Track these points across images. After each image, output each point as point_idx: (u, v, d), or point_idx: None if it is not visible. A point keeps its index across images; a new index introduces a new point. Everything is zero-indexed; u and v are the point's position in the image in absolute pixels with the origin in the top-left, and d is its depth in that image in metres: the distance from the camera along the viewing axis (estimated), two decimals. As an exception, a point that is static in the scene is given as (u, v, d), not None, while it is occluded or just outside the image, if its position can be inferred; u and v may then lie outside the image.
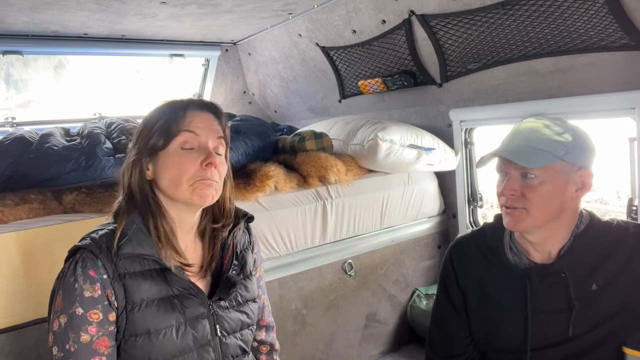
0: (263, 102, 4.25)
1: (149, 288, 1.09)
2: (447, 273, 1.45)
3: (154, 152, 1.13)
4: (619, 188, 3.20)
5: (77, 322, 1.03)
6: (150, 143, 1.13)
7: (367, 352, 2.64)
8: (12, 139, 2.03)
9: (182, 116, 1.13)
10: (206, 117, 1.16)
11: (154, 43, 3.35)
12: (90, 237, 1.10)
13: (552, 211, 1.23)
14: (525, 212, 1.22)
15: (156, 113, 1.17)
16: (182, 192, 1.11)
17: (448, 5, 2.28)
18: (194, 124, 1.13)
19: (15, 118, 3.19)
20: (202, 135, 1.13)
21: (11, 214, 1.74)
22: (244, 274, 1.28)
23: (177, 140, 1.11)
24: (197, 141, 1.12)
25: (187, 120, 1.13)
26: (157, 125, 1.13)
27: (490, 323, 1.36)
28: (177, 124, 1.12)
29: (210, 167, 1.11)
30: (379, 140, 2.42)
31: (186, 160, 1.11)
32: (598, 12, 1.86)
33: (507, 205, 1.25)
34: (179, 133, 1.11)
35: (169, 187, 1.12)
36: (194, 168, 1.11)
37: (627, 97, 1.97)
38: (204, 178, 1.11)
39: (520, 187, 1.22)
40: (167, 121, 1.12)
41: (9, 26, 2.67)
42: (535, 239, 1.27)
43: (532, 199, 1.21)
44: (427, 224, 2.87)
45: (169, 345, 1.09)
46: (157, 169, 1.13)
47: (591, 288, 1.24)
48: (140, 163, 1.14)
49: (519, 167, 1.22)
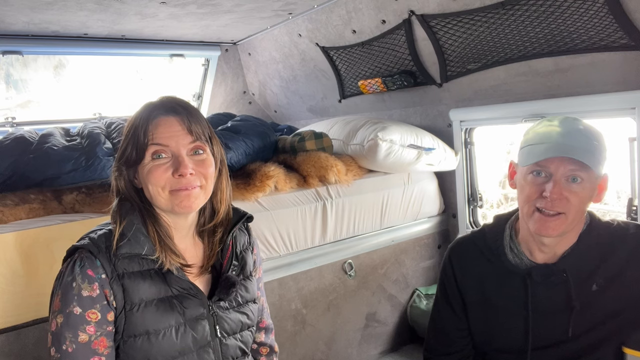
0: (263, 102, 4.25)
1: (147, 288, 1.08)
2: (446, 274, 1.45)
3: (131, 165, 1.11)
4: (619, 188, 3.20)
5: (74, 321, 1.02)
6: (124, 156, 1.11)
7: (367, 352, 2.64)
8: (12, 139, 2.03)
9: (148, 127, 1.09)
10: (171, 123, 1.10)
11: (153, 43, 3.35)
12: (89, 237, 1.10)
13: (582, 217, 1.22)
14: (564, 217, 1.18)
15: (131, 121, 1.13)
16: (163, 202, 1.10)
17: (448, 5, 2.28)
18: (159, 134, 1.08)
19: (15, 118, 3.19)
20: (170, 144, 1.09)
21: (11, 214, 1.74)
22: (244, 274, 1.27)
23: (148, 152, 1.09)
24: (168, 150, 1.09)
25: (152, 132, 1.08)
26: (129, 137, 1.11)
27: (491, 323, 1.36)
28: (145, 137, 1.08)
29: (182, 177, 1.08)
30: (379, 140, 2.42)
31: (158, 171, 1.08)
32: (598, 12, 1.86)
33: (546, 209, 1.18)
34: (147, 146, 1.08)
35: (151, 198, 1.11)
36: (166, 177, 1.08)
37: (627, 97, 1.97)
38: (179, 188, 1.08)
39: (567, 192, 1.17)
40: (136, 133, 1.09)
41: (9, 26, 2.67)
42: (550, 241, 1.25)
43: (574, 203, 1.17)
44: (427, 224, 2.87)
45: (169, 346, 1.08)
46: (140, 178, 1.12)
47: (591, 288, 1.24)
48: (124, 175, 1.13)
49: (570, 170, 1.16)
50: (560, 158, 1.17)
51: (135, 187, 1.14)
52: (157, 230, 1.11)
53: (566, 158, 1.16)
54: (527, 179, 1.24)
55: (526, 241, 1.32)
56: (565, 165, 1.17)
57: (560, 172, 1.18)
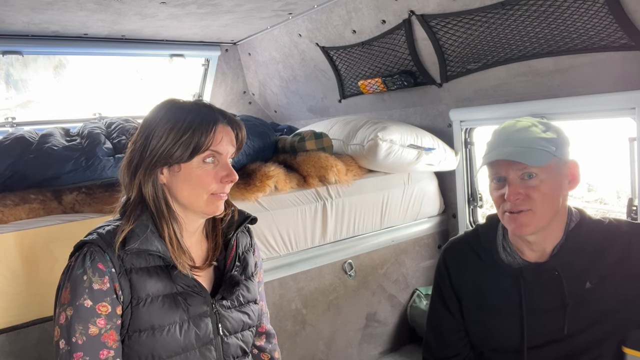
0: (263, 102, 4.25)
1: (154, 284, 1.10)
2: (441, 276, 1.45)
3: (174, 163, 1.11)
4: (619, 188, 3.20)
5: (85, 314, 1.03)
6: (173, 154, 1.09)
7: (367, 352, 2.64)
8: (12, 139, 2.03)
9: (212, 132, 1.11)
10: (230, 134, 1.16)
11: (153, 43, 3.35)
12: (97, 232, 1.11)
13: (555, 208, 1.24)
14: (531, 213, 1.21)
15: (180, 120, 1.10)
16: (199, 204, 1.13)
17: (448, 5, 2.28)
18: (219, 141, 1.12)
19: (15, 118, 3.19)
20: (224, 152, 1.14)
21: (11, 214, 1.74)
22: (246, 275, 1.29)
23: (201, 155, 1.11)
24: (218, 156, 1.14)
25: (217, 138, 1.12)
26: (181, 136, 1.09)
27: (486, 323, 1.36)
28: (207, 141, 1.10)
29: (229, 183, 1.14)
30: (379, 140, 2.42)
31: (208, 175, 1.12)
32: (598, 12, 1.86)
33: (512, 210, 1.23)
34: (206, 150, 1.11)
35: (187, 197, 1.13)
36: (215, 183, 1.13)
37: (627, 97, 1.97)
38: (221, 193, 1.14)
39: (524, 189, 1.22)
40: (196, 135, 1.09)
41: (9, 26, 2.67)
42: (534, 239, 1.27)
43: (537, 197, 1.21)
44: (427, 224, 2.87)
45: (172, 342, 1.10)
46: (175, 178, 1.12)
47: (585, 286, 1.24)
48: (156, 173, 1.12)
49: (518, 169, 1.21)
50: (506, 162, 1.22)
51: (156, 184, 1.13)
52: (173, 230, 1.13)
53: (511, 160, 1.21)
54: (491, 186, 1.30)
55: (514, 241, 1.33)
56: (513, 167, 1.21)
57: (512, 175, 1.23)
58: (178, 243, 1.13)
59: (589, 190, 4.06)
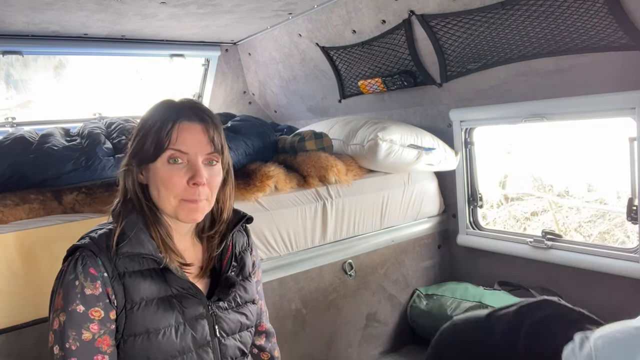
0: (263, 102, 4.25)
1: (148, 287, 1.09)
2: None
3: (143, 163, 1.11)
4: (619, 188, 3.20)
5: (78, 319, 1.02)
6: (140, 154, 1.10)
7: (367, 352, 2.64)
8: (12, 139, 2.02)
9: (170, 130, 1.07)
10: (196, 130, 1.09)
11: (154, 43, 3.35)
12: (89, 237, 1.10)
13: None
14: None
15: (149, 119, 1.12)
16: (170, 208, 1.10)
17: (448, 5, 2.28)
18: (181, 140, 1.08)
19: (15, 118, 3.19)
20: (190, 152, 1.08)
21: (11, 214, 1.74)
22: (243, 275, 1.28)
23: (164, 155, 1.08)
24: (185, 157, 1.09)
25: (175, 136, 1.07)
26: (147, 136, 1.09)
27: None
28: (165, 139, 1.07)
29: (197, 186, 1.08)
30: (379, 140, 2.42)
31: (173, 176, 1.08)
32: (598, 12, 1.86)
33: None
34: (166, 149, 1.07)
35: (157, 200, 1.11)
36: (181, 185, 1.08)
37: (627, 97, 1.97)
38: (190, 199, 1.08)
39: None
40: (156, 133, 1.08)
41: (9, 26, 2.67)
42: None
43: None
44: (427, 224, 2.87)
45: (168, 346, 1.09)
46: (148, 178, 1.12)
47: None
48: (132, 171, 1.12)
49: None
50: None
51: (140, 183, 1.13)
52: (158, 230, 1.11)
53: None
54: None
55: None
56: None
57: None
58: (164, 242, 1.11)
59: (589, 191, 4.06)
